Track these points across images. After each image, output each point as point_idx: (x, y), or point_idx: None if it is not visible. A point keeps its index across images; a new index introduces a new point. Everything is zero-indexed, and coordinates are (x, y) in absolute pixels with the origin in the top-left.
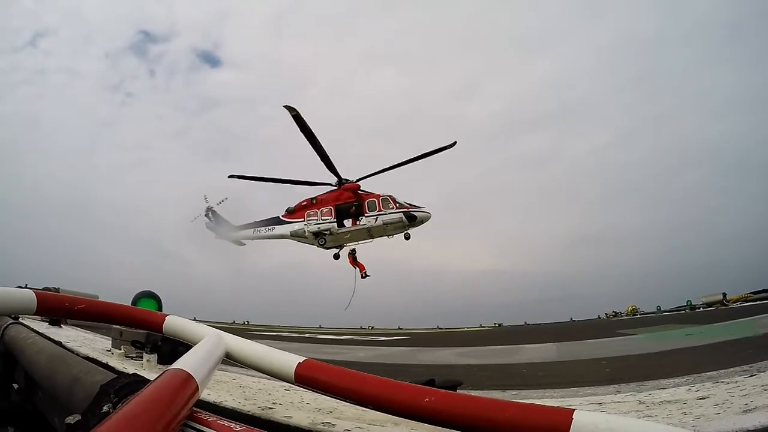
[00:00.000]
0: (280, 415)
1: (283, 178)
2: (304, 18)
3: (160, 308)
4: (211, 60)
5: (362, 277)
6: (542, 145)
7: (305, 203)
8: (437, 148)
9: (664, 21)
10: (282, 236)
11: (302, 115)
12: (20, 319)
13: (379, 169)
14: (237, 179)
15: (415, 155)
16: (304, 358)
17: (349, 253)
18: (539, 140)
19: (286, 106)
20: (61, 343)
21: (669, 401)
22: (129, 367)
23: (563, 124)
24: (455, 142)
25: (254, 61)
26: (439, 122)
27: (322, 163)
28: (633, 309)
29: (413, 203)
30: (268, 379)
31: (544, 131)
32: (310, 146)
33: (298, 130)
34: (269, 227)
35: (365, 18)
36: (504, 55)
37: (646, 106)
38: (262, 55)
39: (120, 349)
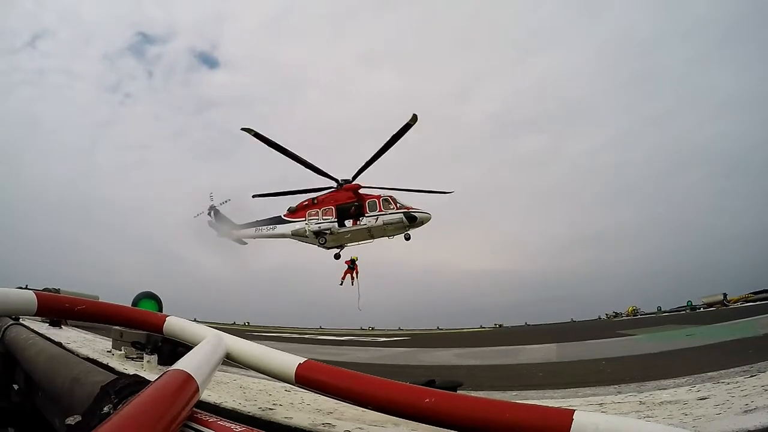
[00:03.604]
0: (280, 415)
1: (295, 153)
2: (303, 19)
3: (160, 309)
4: (209, 61)
5: (341, 284)
6: (542, 145)
7: (306, 203)
8: (436, 190)
9: (663, 21)
10: (283, 235)
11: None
12: (21, 320)
13: (379, 186)
14: (251, 134)
15: (415, 188)
16: (305, 359)
17: (349, 262)
18: (539, 140)
19: (414, 114)
20: (61, 344)
21: (669, 402)
22: (129, 368)
23: (562, 123)
24: (453, 191)
25: (253, 62)
26: (439, 122)
27: (368, 162)
28: (633, 309)
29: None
30: (269, 379)
31: (543, 130)
32: (381, 147)
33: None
34: (271, 226)
35: (365, 18)
36: (503, 55)
37: (646, 106)
38: (261, 56)
39: (120, 350)
